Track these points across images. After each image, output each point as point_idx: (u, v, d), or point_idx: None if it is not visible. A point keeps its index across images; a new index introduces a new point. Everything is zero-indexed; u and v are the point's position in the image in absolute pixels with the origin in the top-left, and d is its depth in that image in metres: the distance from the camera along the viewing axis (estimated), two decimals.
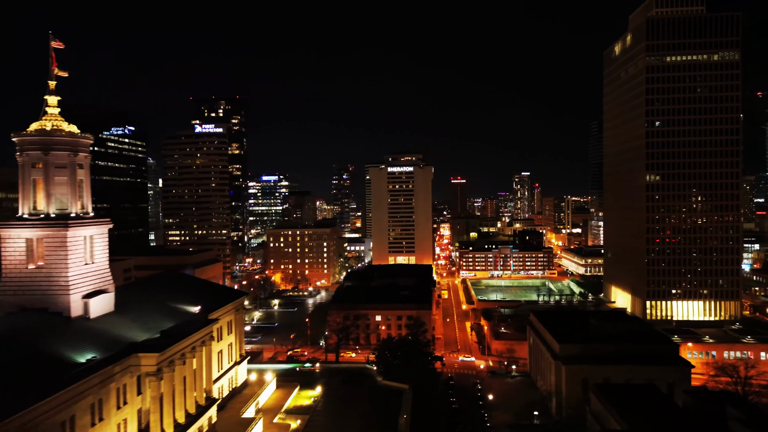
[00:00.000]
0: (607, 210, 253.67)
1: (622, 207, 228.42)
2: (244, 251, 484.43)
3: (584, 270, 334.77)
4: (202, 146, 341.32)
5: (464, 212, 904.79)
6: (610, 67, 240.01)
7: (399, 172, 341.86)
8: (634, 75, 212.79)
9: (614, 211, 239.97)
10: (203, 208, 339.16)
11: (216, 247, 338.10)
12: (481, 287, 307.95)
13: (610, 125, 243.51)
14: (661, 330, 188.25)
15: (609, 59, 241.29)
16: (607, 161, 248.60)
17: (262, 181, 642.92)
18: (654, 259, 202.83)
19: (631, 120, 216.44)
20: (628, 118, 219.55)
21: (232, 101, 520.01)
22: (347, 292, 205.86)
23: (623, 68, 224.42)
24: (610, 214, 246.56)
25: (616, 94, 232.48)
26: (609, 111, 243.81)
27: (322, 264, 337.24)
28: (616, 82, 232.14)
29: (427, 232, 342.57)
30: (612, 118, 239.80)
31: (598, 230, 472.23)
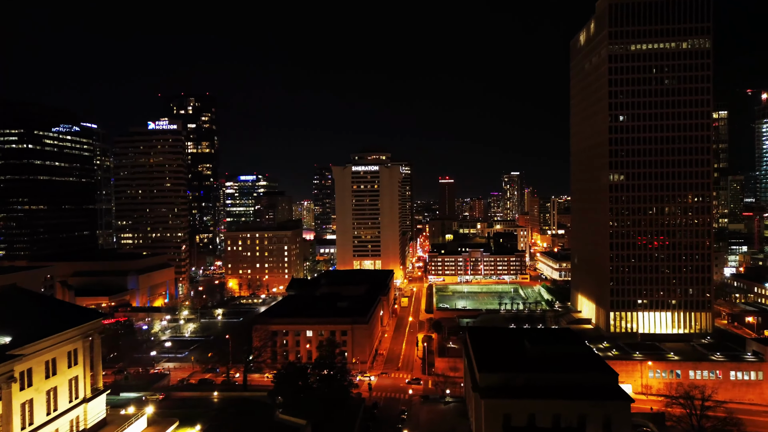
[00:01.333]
0: (573, 213, 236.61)
1: (586, 209, 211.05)
2: (215, 254, 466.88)
3: (558, 275, 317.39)
4: (156, 144, 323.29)
5: (452, 212, 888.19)
6: (575, 58, 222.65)
7: (364, 172, 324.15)
8: (597, 65, 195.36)
9: (579, 214, 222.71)
10: (158, 209, 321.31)
11: (171, 250, 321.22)
12: (446, 293, 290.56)
13: (575, 120, 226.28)
14: (624, 344, 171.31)
15: (574, 50, 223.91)
16: (573, 160, 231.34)
17: (240, 181, 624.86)
18: (618, 266, 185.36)
19: (594, 114, 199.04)
20: (591, 112, 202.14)
21: (202, 98, 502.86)
22: (285, 303, 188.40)
23: (587, 59, 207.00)
24: (576, 217, 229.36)
25: (581, 87, 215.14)
26: (574, 105, 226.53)
27: (283, 269, 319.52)
28: (581, 74, 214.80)
29: (394, 235, 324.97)
30: (577, 113, 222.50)
31: None
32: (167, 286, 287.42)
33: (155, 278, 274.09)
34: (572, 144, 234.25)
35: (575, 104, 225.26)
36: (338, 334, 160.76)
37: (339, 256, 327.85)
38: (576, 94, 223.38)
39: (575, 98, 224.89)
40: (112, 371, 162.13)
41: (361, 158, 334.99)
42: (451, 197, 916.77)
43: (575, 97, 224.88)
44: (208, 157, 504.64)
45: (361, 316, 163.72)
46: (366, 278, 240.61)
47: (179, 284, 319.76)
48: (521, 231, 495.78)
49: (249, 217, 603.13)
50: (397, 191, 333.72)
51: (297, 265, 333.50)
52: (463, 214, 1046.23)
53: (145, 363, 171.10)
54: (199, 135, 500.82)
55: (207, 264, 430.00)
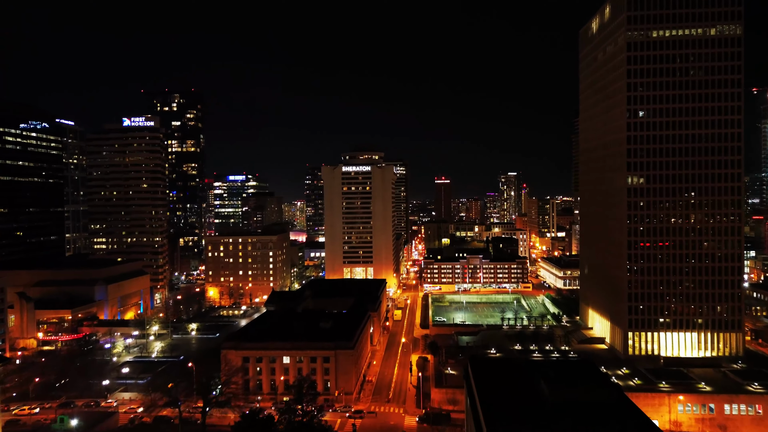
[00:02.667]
0: (582, 218, 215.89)
1: (598, 215, 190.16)
2: (200, 257, 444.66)
3: (563, 283, 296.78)
4: (132, 142, 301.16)
5: (448, 213, 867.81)
6: (586, 47, 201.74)
7: (355, 173, 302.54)
8: (613, 55, 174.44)
9: (589, 219, 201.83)
10: (134, 212, 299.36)
11: (148, 256, 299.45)
12: (443, 304, 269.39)
13: (585, 116, 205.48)
14: (646, 371, 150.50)
15: (585, 39, 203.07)
16: (583, 159, 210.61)
17: (228, 181, 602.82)
18: (636, 280, 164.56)
19: (608, 110, 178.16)
20: (605, 107, 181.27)
21: (187, 94, 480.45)
22: (261, 321, 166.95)
23: (600, 48, 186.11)
24: (586, 223, 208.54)
25: (593, 80, 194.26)
26: (585, 100, 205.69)
27: (267, 276, 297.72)
28: (593, 66, 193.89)
29: (387, 240, 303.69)
30: (588, 108, 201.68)
31: None
32: (141, 295, 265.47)
33: (127, 287, 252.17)
34: (581, 141, 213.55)
35: (585, 98, 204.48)
36: (320, 361, 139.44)
37: (328, 263, 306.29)
38: (586, 87, 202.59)
39: (585, 92, 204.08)
40: (57, 404, 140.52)
41: (352, 158, 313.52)
42: (447, 198, 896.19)
43: (585, 90, 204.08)
44: (193, 155, 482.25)
45: (346, 340, 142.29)
46: (355, 289, 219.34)
47: (156, 293, 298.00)
48: (520, 234, 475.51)
49: (238, 218, 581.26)
50: (391, 193, 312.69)
51: (283, 272, 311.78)
52: (460, 214, 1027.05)
53: (99, 393, 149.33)
54: (183, 133, 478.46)
55: (192, 268, 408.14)
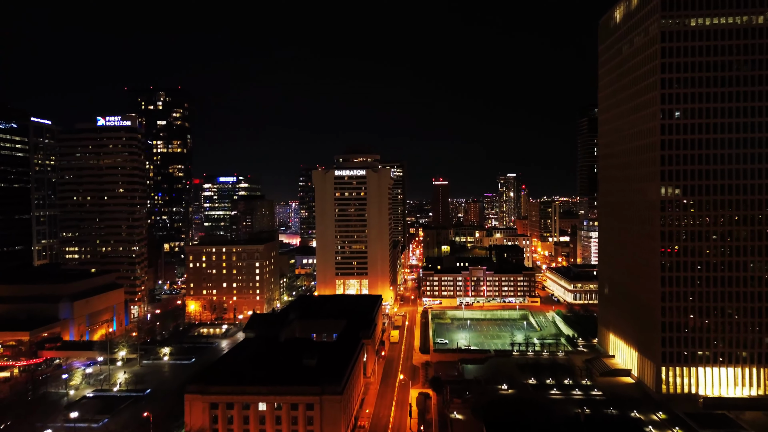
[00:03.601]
0: (601, 232, 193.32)
1: (621, 230, 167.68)
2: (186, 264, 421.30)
3: (572, 297, 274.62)
4: (107, 143, 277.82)
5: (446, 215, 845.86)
6: (608, 40, 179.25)
7: (348, 177, 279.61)
8: (643, 46, 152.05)
9: (611, 235, 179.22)
10: (109, 218, 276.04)
11: (124, 267, 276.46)
12: (444, 321, 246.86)
13: (606, 118, 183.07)
14: (685, 415, 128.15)
15: (606, 30, 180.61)
16: (602, 165, 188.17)
17: (219, 183, 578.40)
18: (672, 307, 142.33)
19: (637, 110, 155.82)
20: (632, 107, 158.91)
21: (173, 92, 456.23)
22: (236, 354, 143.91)
23: (626, 39, 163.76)
24: (606, 238, 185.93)
25: (616, 76, 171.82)
26: (605, 99, 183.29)
27: (254, 289, 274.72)
28: (616, 60, 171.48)
29: (384, 250, 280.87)
30: (609, 108, 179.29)
31: (588, 242, 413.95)
32: (114, 311, 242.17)
33: (97, 303, 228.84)
34: (600, 146, 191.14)
35: (606, 97, 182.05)
36: (302, 409, 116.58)
37: (319, 275, 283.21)
38: (607, 84, 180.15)
39: (606, 89, 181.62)
40: None
41: (345, 160, 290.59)
42: (444, 199, 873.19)
43: (606, 88, 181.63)
44: (180, 156, 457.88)
45: (334, 382, 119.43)
46: (347, 308, 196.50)
47: (133, 307, 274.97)
48: (523, 240, 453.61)
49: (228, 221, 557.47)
50: (388, 198, 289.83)
51: (271, 283, 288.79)
52: (458, 215, 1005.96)
53: None
54: (169, 133, 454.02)
55: (177, 275, 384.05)
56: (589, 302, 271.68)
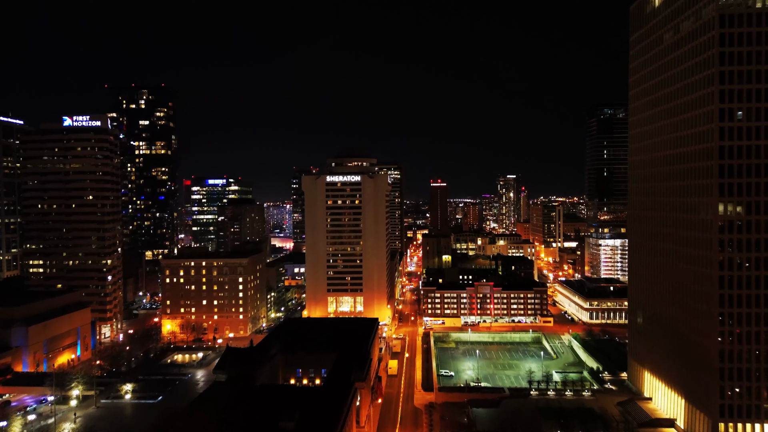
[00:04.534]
0: (632, 251, 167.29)
1: (661, 252, 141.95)
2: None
3: (588, 316, 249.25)
4: (75, 145, 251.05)
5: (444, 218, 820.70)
6: (642, 28, 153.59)
7: (342, 183, 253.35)
8: (694, 33, 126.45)
9: (644, 256, 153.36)
10: (76, 228, 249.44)
11: (93, 282, 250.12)
12: (448, 345, 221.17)
13: (639, 119, 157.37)
14: None
15: (640, 17, 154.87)
16: (634, 175, 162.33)
17: (207, 185, 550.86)
18: (734, 350, 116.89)
19: (685, 109, 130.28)
20: (679, 106, 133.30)
21: (156, 90, 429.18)
22: (195, 411, 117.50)
23: (669, 26, 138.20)
24: (638, 259, 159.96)
25: (654, 70, 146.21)
26: (638, 97, 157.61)
27: (237, 307, 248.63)
28: (654, 51, 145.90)
29: (380, 263, 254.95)
30: (644, 107, 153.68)
31: (598, 250, 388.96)
32: (78, 335, 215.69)
33: (58, 326, 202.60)
34: (631, 152, 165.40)
35: (639, 94, 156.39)
36: None
37: (309, 292, 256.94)
38: (642, 80, 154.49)
39: (640, 86, 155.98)
40: None
41: (338, 165, 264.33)
42: (443, 201, 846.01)
43: (640, 84, 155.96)
44: (164, 158, 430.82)
45: None
46: (338, 336, 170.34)
47: (103, 327, 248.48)
48: (528, 248, 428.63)
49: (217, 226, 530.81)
50: (385, 205, 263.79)
51: (257, 300, 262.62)
52: (456, 217, 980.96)
53: None
54: (152, 133, 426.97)
55: (159, 286, 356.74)
56: (606, 322, 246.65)
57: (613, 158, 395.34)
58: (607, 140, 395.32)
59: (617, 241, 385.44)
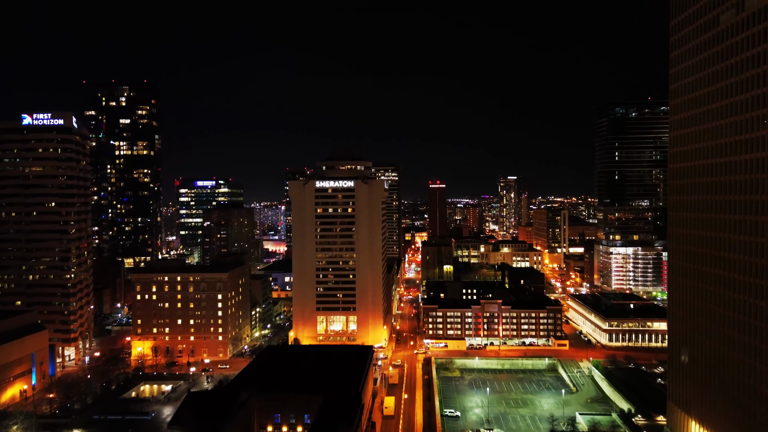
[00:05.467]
0: (675, 276, 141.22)
1: (717, 281, 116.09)
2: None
3: (607, 338, 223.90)
4: (36, 146, 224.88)
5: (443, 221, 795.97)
6: (689, 9, 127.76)
7: (333, 189, 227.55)
8: (763, 13, 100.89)
9: (693, 284, 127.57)
10: (38, 239, 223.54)
11: (56, 298, 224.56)
12: (452, 375, 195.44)
13: (686, 117, 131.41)
14: None
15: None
16: (677, 186, 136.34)
17: (196, 187, 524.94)
18: None
19: (753, 106, 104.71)
20: (745, 101, 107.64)
21: (138, 86, 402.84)
22: None
23: (727, 3, 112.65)
24: (682, 285, 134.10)
25: (707, 58, 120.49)
26: (684, 91, 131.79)
27: (216, 327, 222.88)
28: (707, 35, 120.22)
29: (375, 277, 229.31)
30: (693, 103, 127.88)
31: (608, 258, 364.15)
32: (33, 361, 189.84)
33: (7, 353, 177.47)
34: (672, 157, 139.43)
35: (686, 88, 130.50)
36: None
37: (296, 311, 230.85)
38: (688, 70, 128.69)
39: (686, 78, 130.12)
40: None
41: (329, 169, 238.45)
42: (442, 203, 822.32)
43: (686, 75, 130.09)
44: (146, 159, 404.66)
45: None
46: (326, 371, 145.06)
47: (67, 350, 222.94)
48: (534, 256, 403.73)
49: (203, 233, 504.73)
50: (381, 213, 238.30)
51: (239, 318, 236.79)
52: (455, 218, 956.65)
53: None
54: (134, 133, 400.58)
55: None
56: (628, 345, 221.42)
57: (625, 160, 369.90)
58: (619, 141, 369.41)
59: (629, 249, 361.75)
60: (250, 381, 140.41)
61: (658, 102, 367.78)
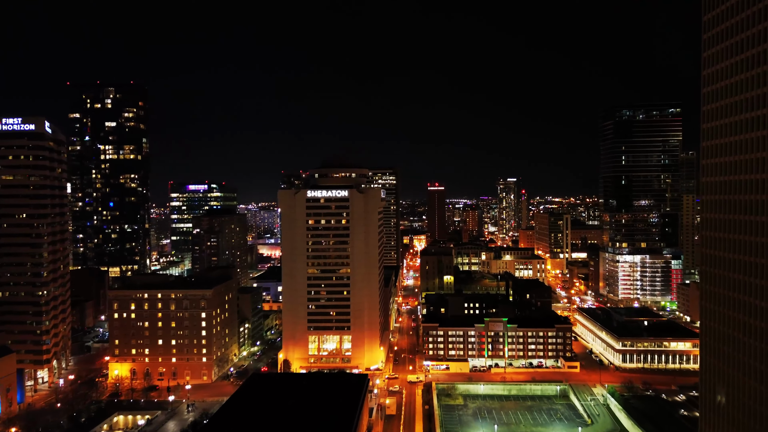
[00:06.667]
0: (707, 301, 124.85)
1: (760, 312, 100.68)
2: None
3: (621, 358, 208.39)
4: (6, 154, 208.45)
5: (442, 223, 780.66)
6: (727, 1, 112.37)
7: (325, 199, 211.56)
8: None
9: (731, 314, 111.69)
10: (8, 253, 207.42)
11: (28, 317, 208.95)
12: (455, 402, 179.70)
13: (724, 125, 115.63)
14: None
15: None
16: (711, 202, 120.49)
17: (188, 192, 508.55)
18: None
19: None
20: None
21: (124, 88, 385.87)
22: None
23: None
24: (717, 314, 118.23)
25: (752, 57, 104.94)
26: (720, 95, 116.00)
27: (200, 347, 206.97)
28: (752, 30, 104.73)
29: (372, 294, 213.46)
30: (732, 109, 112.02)
31: (615, 267, 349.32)
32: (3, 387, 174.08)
33: None
34: (706, 169, 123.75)
35: (723, 92, 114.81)
36: None
37: (286, 330, 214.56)
38: (726, 72, 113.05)
39: (723, 81, 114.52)
40: None
41: (322, 177, 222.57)
42: (441, 206, 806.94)
43: (724, 77, 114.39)
44: (133, 164, 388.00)
45: None
46: (314, 411, 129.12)
47: (39, 372, 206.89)
48: (537, 264, 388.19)
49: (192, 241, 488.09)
50: (378, 224, 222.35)
51: (225, 337, 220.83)
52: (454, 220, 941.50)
53: None
54: (120, 136, 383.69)
55: None
56: (643, 366, 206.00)
57: (632, 165, 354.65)
58: (626, 145, 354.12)
59: (636, 257, 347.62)
60: (231, 423, 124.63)
61: (667, 104, 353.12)
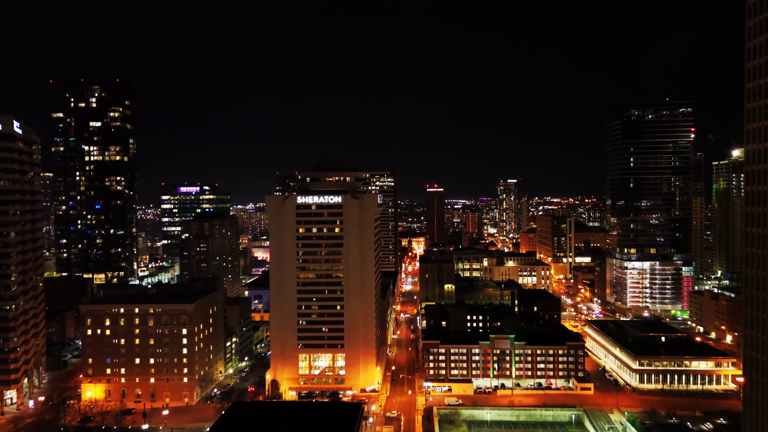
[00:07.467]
0: (751, 329, 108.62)
1: None
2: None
3: (638, 378, 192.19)
4: None
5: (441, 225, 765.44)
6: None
7: (317, 206, 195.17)
8: None
9: None
10: None
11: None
12: (459, 430, 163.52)
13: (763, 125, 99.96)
14: None
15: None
16: (756, 215, 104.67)
17: (179, 194, 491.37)
18: None
19: None
20: None
21: (110, 86, 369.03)
22: None
23: None
24: (763, 344, 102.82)
25: None
26: None
27: (181, 367, 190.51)
28: None
29: (368, 308, 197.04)
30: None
31: (623, 274, 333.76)
32: None
33: None
34: (750, 177, 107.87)
35: None
36: None
37: (274, 348, 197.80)
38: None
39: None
40: None
41: (314, 181, 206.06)
42: (440, 207, 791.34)
43: None
44: (119, 166, 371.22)
45: None
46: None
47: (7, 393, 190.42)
48: (542, 270, 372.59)
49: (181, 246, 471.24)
50: (374, 231, 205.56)
51: (209, 354, 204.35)
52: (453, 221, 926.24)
53: None
54: (105, 137, 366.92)
55: None
56: (663, 387, 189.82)
57: (641, 166, 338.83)
58: (634, 146, 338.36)
59: (645, 264, 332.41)
60: None
61: (677, 103, 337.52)
